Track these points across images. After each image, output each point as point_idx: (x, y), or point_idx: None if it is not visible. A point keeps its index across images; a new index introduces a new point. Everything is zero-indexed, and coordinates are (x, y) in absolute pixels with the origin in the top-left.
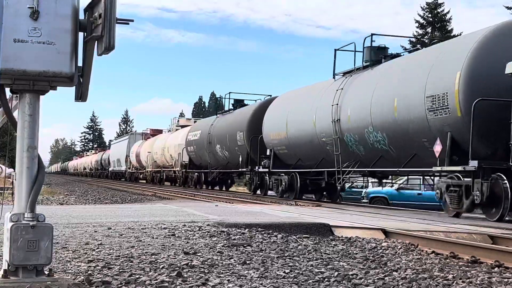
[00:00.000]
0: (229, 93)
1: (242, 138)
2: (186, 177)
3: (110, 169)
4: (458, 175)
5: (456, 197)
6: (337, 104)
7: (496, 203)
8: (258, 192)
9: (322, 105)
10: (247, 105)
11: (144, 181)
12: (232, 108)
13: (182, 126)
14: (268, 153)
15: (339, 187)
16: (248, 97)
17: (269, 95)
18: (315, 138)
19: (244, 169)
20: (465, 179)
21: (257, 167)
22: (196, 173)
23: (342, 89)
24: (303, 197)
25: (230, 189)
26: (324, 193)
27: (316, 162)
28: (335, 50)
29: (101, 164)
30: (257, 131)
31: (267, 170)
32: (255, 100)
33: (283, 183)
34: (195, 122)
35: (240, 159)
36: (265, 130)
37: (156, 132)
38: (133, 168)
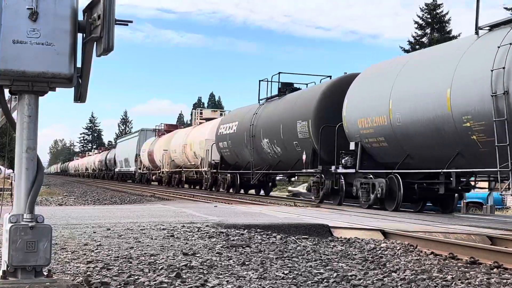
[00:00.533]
0: (279, 73)
1: (306, 129)
2: (215, 179)
3: (116, 169)
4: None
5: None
6: (503, 68)
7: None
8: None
9: (466, 71)
10: (298, 89)
11: (157, 183)
12: (281, 93)
13: (207, 119)
14: (352, 147)
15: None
16: (296, 79)
17: (328, 76)
18: (448, 123)
19: (311, 170)
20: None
21: (333, 167)
22: (230, 174)
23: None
24: (401, 208)
25: (272, 194)
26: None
27: (440, 160)
28: None
29: (106, 164)
30: (327, 120)
31: (352, 170)
32: (306, 84)
33: (379, 189)
34: (221, 114)
35: (304, 156)
36: (348, 116)
37: (171, 128)
38: (145, 169)
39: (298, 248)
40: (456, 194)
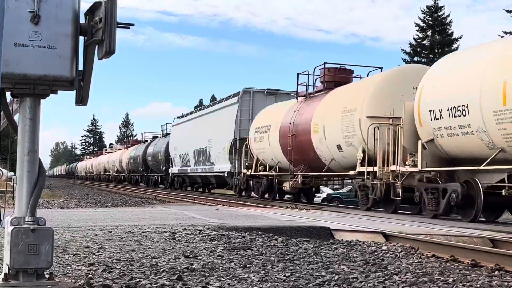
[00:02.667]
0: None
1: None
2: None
3: (172, 170)
4: None
5: None
6: None
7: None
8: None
9: None
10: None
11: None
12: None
13: None
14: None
15: None
16: None
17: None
18: None
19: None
20: None
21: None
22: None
23: None
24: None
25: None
26: None
27: None
28: None
29: (145, 163)
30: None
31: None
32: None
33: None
34: None
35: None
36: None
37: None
38: (260, 168)
39: (299, 250)
40: None
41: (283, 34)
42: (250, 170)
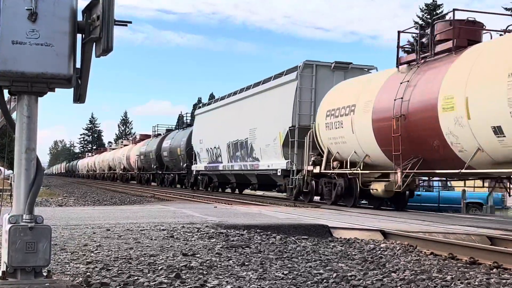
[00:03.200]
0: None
1: None
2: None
3: (196, 167)
4: None
5: None
6: None
7: None
8: None
9: None
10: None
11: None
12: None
13: None
14: None
15: None
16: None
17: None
18: None
19: None
20: None
21: None
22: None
23: None
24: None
25: None
26: None
27: None
28: None
29: (158, 159)
30: None
31: None
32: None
33: None
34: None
35: None
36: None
37: None
38: (334, 164)
39: (297, 248)
40: None
41: (282, 32)
42: (318, 168)
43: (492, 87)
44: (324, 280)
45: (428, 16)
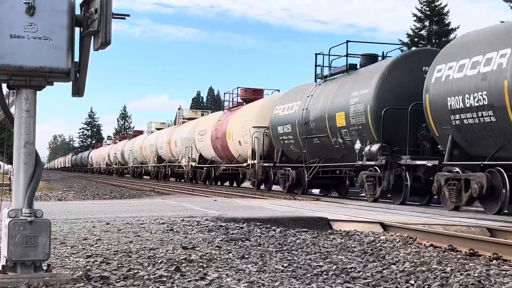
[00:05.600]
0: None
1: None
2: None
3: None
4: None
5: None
6: None
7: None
8: None
9: None
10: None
11: None
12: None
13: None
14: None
15: None
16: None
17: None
18: None
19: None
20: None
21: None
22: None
23: None
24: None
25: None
26: None
27: None
28: None
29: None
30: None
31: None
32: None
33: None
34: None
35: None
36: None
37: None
38: None
39: (297, 241)
40: None
41: (280, 25)
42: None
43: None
44: (324, 273)
45: (427, 9)
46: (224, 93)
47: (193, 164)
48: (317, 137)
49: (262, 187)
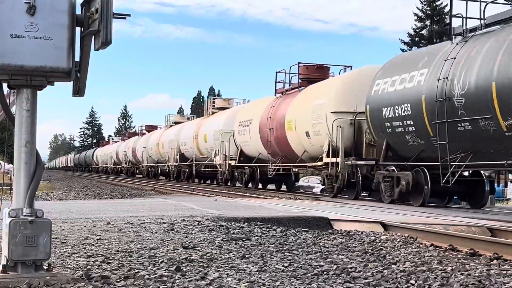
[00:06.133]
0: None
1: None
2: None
3: None
4: None
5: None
6: None
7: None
8: None
9: None
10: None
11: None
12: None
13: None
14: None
15: None
16: None
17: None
18: None
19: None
20: None
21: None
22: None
23: None
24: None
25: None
26: None
27: None
28: None
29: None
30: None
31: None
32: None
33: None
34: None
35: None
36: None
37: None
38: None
39: (298, 241)
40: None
41: (281, 24)
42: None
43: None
44: (325, 272)
45: (428, 8)
46: (276, 72)
47: (232, 163)
48: (469, 120)
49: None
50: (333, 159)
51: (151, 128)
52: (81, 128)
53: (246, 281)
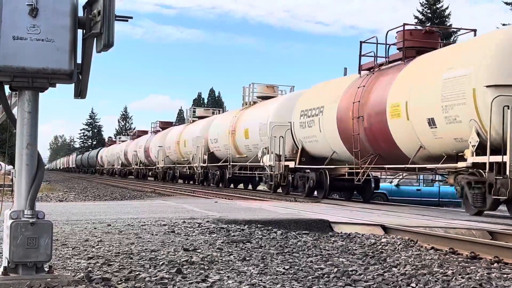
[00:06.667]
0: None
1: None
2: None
3: None
4: None
5: None
6: None
7: None
8: None
9: None
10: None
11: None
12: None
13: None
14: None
15: None
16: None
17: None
18: None
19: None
20: None
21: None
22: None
23: None
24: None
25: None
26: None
27: None
28: None
29: None
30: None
31: (292, 165)
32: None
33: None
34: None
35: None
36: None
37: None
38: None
39: (298, 243)
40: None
41: (282, 26)
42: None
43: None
44: (325, 275)
45: (428, 11)
46: (361, 42)
47: (290, 164)
48: None
49: None
50: (491, 158)
51: (166, 125)
52: (81, 130)
53: (247, 284)
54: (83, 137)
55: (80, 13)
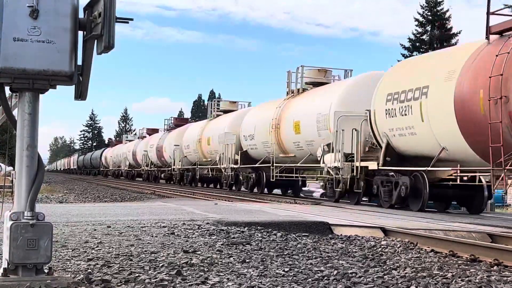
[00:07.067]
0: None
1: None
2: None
3: None
4: None
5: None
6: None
7: None
8: None
9: None
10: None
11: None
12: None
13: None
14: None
15: None
16: None
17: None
18: None
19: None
20: None
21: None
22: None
23: None
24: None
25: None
26: None
27: None
28: None
29: None
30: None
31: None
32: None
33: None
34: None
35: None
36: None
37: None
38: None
39: (298, 245)
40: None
41: (282, 28)
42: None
43: None
44: (325, 277)
45: (429, 13)
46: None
47: (372, 166)
48: None
49: None
50: None
51: (182, 122)
52: (81, 131)
53: (246, 286)
54: (83, 138)
55: (81, 14)
